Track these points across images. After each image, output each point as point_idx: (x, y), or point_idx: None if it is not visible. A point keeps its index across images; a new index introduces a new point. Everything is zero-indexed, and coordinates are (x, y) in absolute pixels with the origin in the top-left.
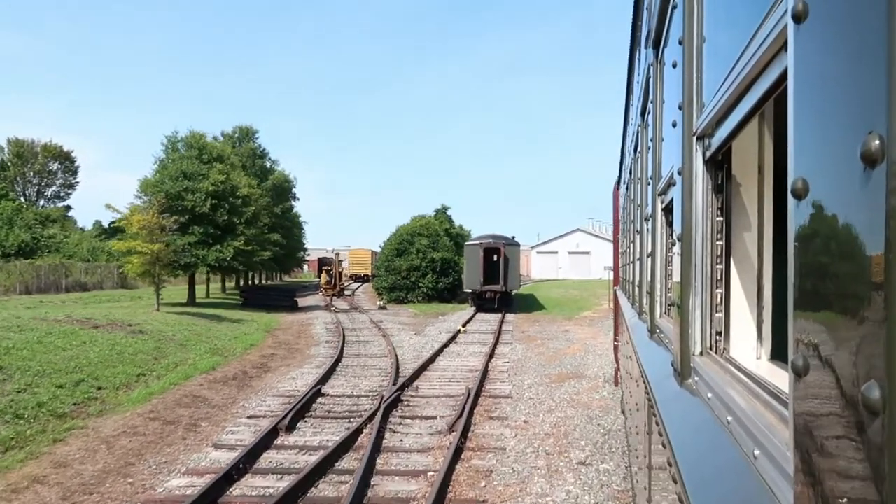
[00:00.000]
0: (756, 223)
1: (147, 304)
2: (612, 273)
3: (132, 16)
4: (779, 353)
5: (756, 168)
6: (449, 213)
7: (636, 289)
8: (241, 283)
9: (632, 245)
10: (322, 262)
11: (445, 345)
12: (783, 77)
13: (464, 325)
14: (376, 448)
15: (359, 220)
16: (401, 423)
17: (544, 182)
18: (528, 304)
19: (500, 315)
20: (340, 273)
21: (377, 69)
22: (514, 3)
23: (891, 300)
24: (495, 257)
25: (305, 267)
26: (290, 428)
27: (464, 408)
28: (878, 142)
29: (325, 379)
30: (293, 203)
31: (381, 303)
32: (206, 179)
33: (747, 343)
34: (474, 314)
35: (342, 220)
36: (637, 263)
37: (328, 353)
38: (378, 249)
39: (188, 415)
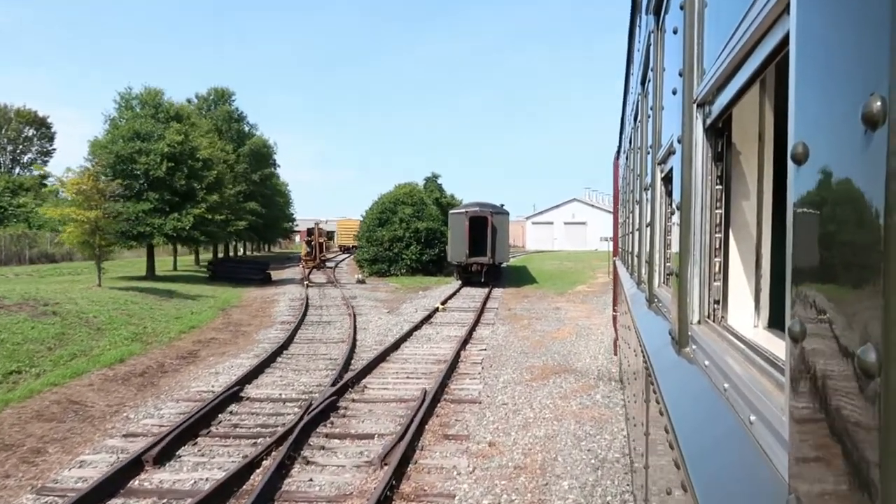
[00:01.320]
0: (756, 191)
1: (103, 277)
2: (608, 244)
3: None
4: (776, 322)
5: (756, 136)
6: (440, 181)
7: (635, 259)
8: (222, 254)
9: (631, 215)
10: (309, 234)
11: (418, 326)
12: (785, 41)
13: (443, 303)
14: (265, 498)
15: (355, 191)
16: (322, 449)
17: (541, 153)
18: (519, 278)
19: (486, 290)
20: (321, 244)
21: (371, 41)
22: None
23: (889, 262)
24: (482, 227)
25: (298, 238)
26: (161, 459)
27: (409, 424)
28: (879, 103)
29: (256, 373)
30: (274, 170)
31: (360, 276)
32: (162, 140)
33: (745, 311)
34: (459, 289)
35: (339, 192)
36: (636, 233)
37: (277, 337)
38: None
39: (41, 434)
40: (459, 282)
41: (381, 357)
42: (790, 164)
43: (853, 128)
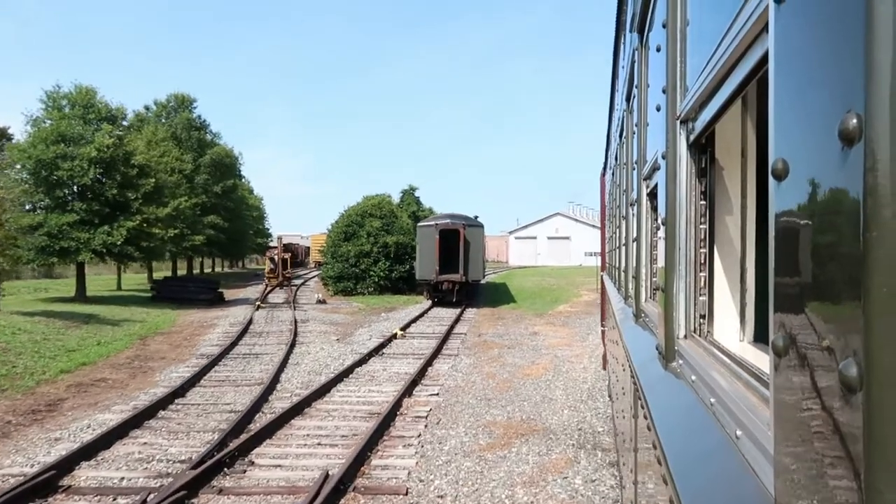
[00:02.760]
0: (739, 206)
1: (28, 298)
2: (593, 259)
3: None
4: (761, 336)
5: (739, 151)
6: (418, 193)
7: (622, 274)
8: (184, 271)
9: (618, 230)
10: (285, 250)
11: (364, 359)
12: (765, 59)
13: (403, 328)
14: None
15: (343, 206)
16: None
17: (525, 167)
18: (496, 296)
19: (458, 311)
20: (285, 260)
21: (356, 55)
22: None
23: (869, 278)
24: (454, 241)
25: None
26: None
27: None
28: (855, 120)
29: (113, 438)
30: (239, 181)
31: (319, 296)
32: (90, 144)
33: (731, 326)
34: (427, 309)
35: (326, 205)
36: (623, 248)
37: (183, 376)
38: None
39: None
40: (430, 301)
41: (298, 408)
42: (771, 180)
43: (831, 144)
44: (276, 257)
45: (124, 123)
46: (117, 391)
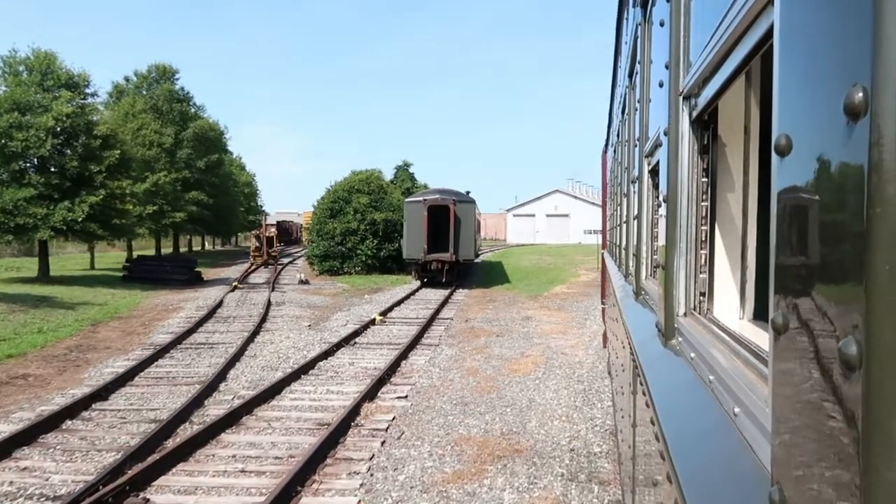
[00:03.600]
0: (741, 184)
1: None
2: (591, 237)
3: None
4: (761, 314)
5: (742, 128)
6: (412, 170)
7: (622, 251)
8: (171, 249)
9: (619, 208)
10: (279, 227)
11: (331, 351)
12: (769, 33)
13: (383, 313)
14: None
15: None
16: None
17: (524, 144)
18: (490, 276)
19: (447, 292)
20: (271, 238)
21: (355, 34)
22: None
23: (871, 255)
24: (444, 218)
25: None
26: None
27: None
28: (861, 94)
29: None
30: (224, 156)
31: (302, 276)
32: (48, 112)
33: (731, 304)
34: (415, 291)
35: (322, 184)
36: (624, 226)
37: (116, 371)
38: None
39: None
40: (418, 282)
41: (235, 417)
42: (774, 156)
43: (836, 119)
44: (261, 235)
45: (87, 90)
46: (32, 391)
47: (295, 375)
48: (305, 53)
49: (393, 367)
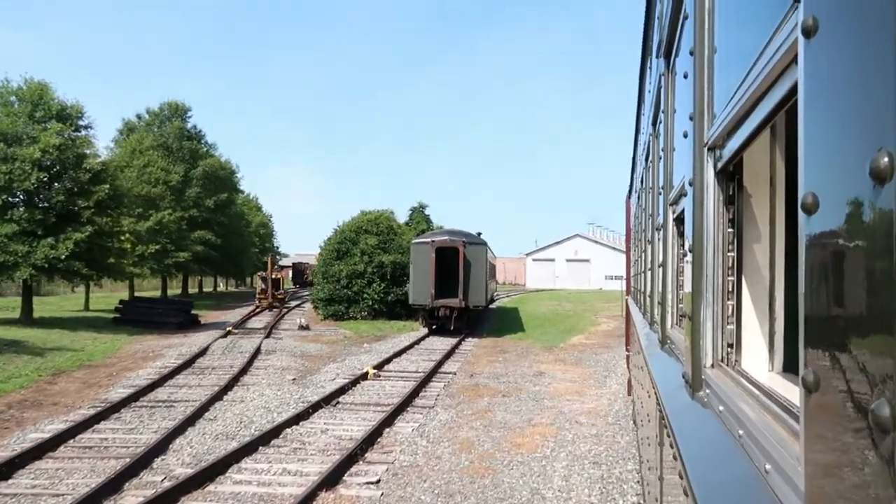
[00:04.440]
0: (768, 235)
1: None
2: (612, 283)
3: (135, 15)
4: (790, 366)
5: (767, 180)
6: (428, 211)
7: (647, 299)
8: (193, 289)
9: (643, 255)
10: (294, 269)
11: (308, 411)
12: (794, 90)
13: (377, 366)
14: None
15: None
16: None
17: (544, 189)
18: (504, 324)
19: (455, 340)
20: (277, 280)
21: (375, 75)
22: (513, 13)
23: None
24: (453, 261)
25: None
26: None
27: None
28: (886, 159)
29: None
30: (235, 195)
31: (303, 321)
32: (35, 144)
33: (759, 355)
34: (421, 339)
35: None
36: (648, 273)
37: (39, 438)
38: None
39: None
40: (426, 330)
41: None
42: (801, 213)
43: (862, 181)
44: (267, 276)
45: (81, 123)
46: None
47: (251, 447)
48: (331, 97)
49: (372, 437)
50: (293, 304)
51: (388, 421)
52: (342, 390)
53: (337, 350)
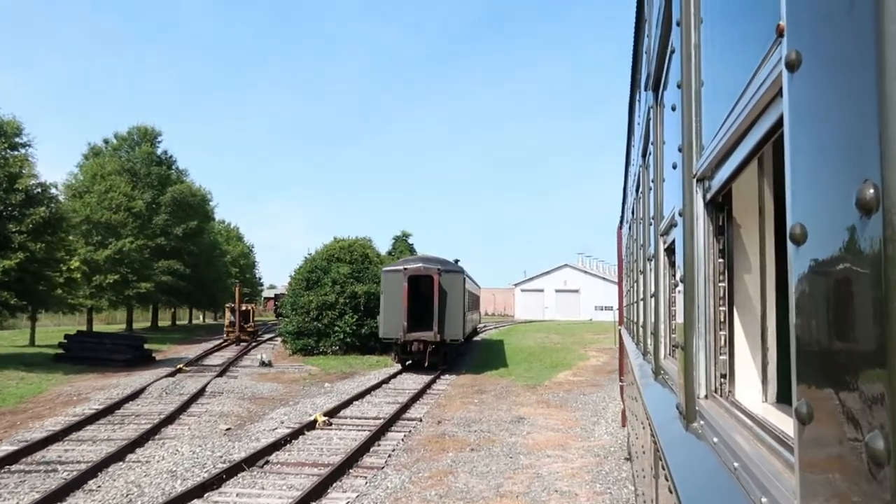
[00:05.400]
0: (758, 265)
1: None
2: (602, 313)
3: (129, 55)
4: (784, 397)
5: (757, 210)
6: (411, 240)
7: (640, 329)
8: (165, 322)
9: (635, 285)
10: (277, 300)
11: (219, 479)
12: (780, 122)
13: (330, 412)
14: None
15: None
16: None
17: (533, 219)
18: (486, 358)
19: (429, 378)
20: (247, 312)
21: (365, 113)
22: (497, 54)
23: (891, 349)
24: (426, 290)
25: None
26: None
27: None
28: (872, 190)
29: None
30: (207, 224)
31: (264, 357)
32: None
33: (752, 386)
34: (391, 377)
35: None
36: (640, 303)
37: None
38: None
39: None
40: (399, 365)
41: None
42: (790, 244)
43: (849, 212)
44: (236, 309)
45: (17, 140)
46: None
47: None
48: (318, 133)
49: None
50: (266, 337)
51: (319, 490)
52: (278, 445)
53: (293, 391)
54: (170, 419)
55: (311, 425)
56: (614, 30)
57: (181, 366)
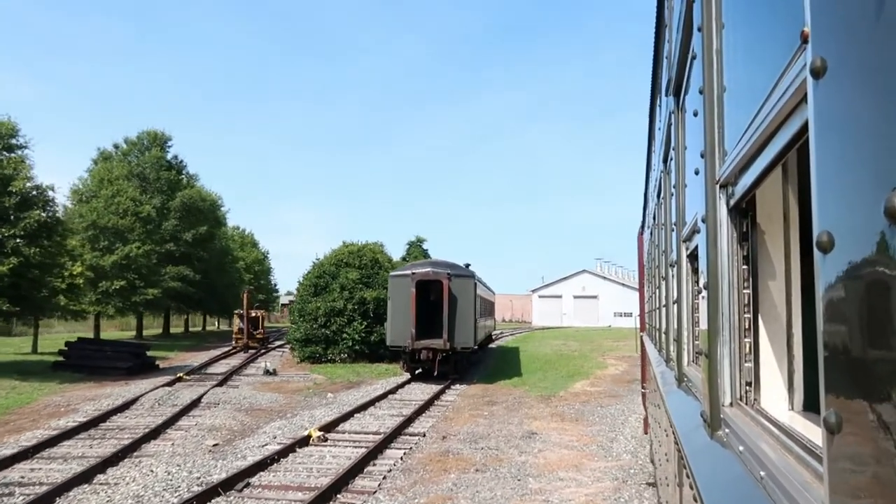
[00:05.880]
0: (783, 272)
1: None
2: (622, 320)
3: (146, 63)
4: (811, 405)
5: (781, 216)
6: (426, 245)
7: (663, 336)
8: (177, 328)
9: (657, 291)
10: (289, 307)
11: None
12: (804, 128)
13: (327, 427)
14: None
15: None
16: None
17: (551, 224)
18: (499, 367)
19: (438, 389)
20: (257, 319)
21: (381, 119)
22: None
23: None
24: (436, 296)
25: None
26: None
27: None
28: None
29: None
30: (218, 230)
31: (268, 365)
32: None
33: (778, 394)
34: (399, 387)
35: None
36: (663, 310)
37: None
38: None
39: None
40: (408, 374)
41: None
42: (816, 251)
43: (877, 220)
44: (244, 315)
45: (13, 142)
46: None
47: None
48: (341, 141)
49: None
50: (276, 343)
51: None
52: (264, 464)
53: (293, 402)
54: (154, 434)
55: (305, 441)
56: (634, 34)
57: (182, 374)
